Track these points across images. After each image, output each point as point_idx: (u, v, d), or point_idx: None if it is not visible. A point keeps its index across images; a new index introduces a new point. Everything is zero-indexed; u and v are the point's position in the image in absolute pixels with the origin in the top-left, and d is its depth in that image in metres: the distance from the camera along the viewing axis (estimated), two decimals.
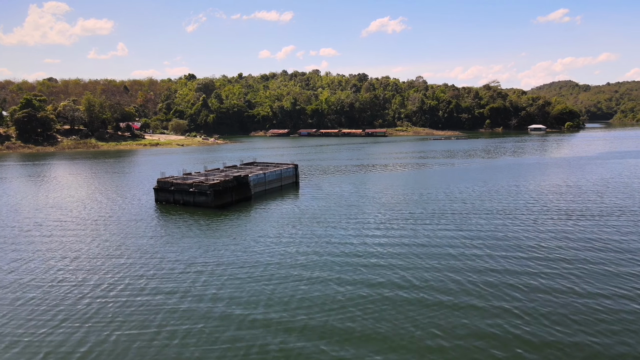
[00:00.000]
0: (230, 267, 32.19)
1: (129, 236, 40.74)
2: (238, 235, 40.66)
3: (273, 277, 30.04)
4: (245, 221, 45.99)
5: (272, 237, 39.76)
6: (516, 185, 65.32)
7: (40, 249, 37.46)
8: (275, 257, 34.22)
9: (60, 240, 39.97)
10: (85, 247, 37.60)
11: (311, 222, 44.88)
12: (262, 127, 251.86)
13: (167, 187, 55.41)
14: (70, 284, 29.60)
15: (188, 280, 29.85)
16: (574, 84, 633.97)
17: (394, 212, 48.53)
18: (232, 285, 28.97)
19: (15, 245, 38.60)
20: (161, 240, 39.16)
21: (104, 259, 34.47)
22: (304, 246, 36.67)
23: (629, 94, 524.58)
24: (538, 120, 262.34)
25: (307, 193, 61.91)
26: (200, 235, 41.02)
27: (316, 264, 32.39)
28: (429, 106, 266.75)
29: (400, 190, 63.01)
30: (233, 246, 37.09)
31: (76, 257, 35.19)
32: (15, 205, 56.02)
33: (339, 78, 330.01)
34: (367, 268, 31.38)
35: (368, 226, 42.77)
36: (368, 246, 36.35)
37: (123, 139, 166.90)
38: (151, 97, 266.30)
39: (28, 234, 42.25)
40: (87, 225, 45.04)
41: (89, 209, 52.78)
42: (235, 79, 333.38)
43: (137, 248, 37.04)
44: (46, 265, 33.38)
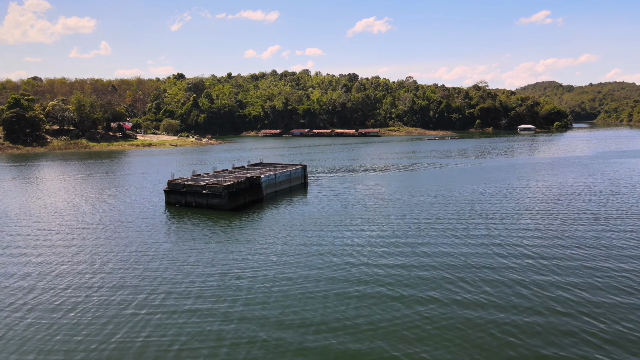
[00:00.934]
0: (269, 278, 31.04)
1: (149, 242, 39.35)
2: (265, 239, 39.52)
3: (328, 294, 28.71)
4: (267, 224, 44.88)
5: (302, 243, 38.76)
6: (531, 186, 65.32)
7: (46, 259, 35.95)
8: (312, 266, 33.31)
9: (71, 247, 38.46)
10: (103, 255, 36.18)
11: (333, 225, 43.98)
12: (253, 127, 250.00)
13: (178, 189, 54.01)
14: (88, 293, 28.31)
15: (227, 292, 28.62)
16: (558, 85, 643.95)
17: (415, 214, 47.92)
18: (281, 299, 27.94)
19: (26, 249, 37.03)
20: (184, 246, 37.89)
21: (127, 269, 33.14)
22: (336, 252, 35.78)
23: (611, 94, 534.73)
24: (527, 120, 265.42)
25: (318, 194, 60.99)
26: (226, 240, 39.77)
27: (364, 275, 31.55)
28: (419, 106, 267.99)
29: (415, 190, 62.44)
30: (263, 253, 35.96)
31: (94, 264, 33.82)
32: (22, 207, 54.05)
33: (329, 78, 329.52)
34: (422, 281, 30.67)
35: (399, 229, 42.09)
36: (406, 249, 35.67)
37: (115, 139, 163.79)
38: (140, 97, 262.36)
39: (35, 240, 40.64)
40: (100, 231, 43.46)
41: (100, 213, 51.12)
42: (224, 79, 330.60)
43: (164, 255, 35.72)
44: (55, 274, 31.96)
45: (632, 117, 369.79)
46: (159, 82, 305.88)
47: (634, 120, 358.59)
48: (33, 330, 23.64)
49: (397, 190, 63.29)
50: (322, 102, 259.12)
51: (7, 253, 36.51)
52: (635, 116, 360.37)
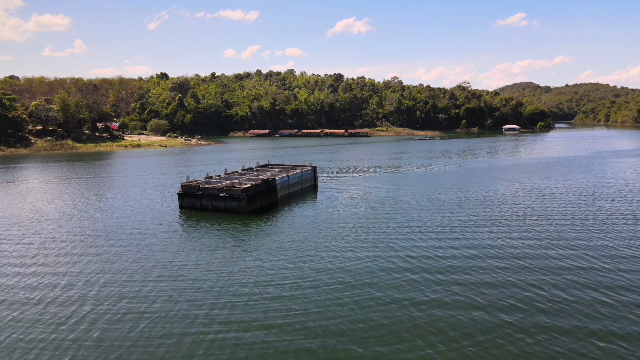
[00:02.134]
0: (321, 289, 29.83)
1: (172, 249, 37.65)
2: (298, 246, 38.25)
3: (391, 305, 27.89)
4: (293, 229, 43.49)
5: (336, 249, 37.61)
6: (543, 187, 65.52)
7: (62, 269, 33.99)
8: (362, 274, 32.21)
9: (83, 256, 36.48)
10: (122, 264, 34.35)
11: (361, 229, 42.99)
12: (240, 128, 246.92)
13: (193, 192, 52.19)
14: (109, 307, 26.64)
15: (272, 306, 27.30)
16: (536, 86, 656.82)
17: (435, 216, 47.27)
18: (339, 316, 26.74)
19: (39, 258, 34.95)
20: (216, 255, 36.32)
21: (149, 282, 31.45)
22: (380, 259, 34.75)
23: (587, 95, 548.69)
24: (511, 120, 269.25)
25: (330, 196, 59.86)
26: (255, 248, 38.34)
27: (412, 283, 30.60)
28: (406, 106, 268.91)
29: (433, 191, 61.86)
30: (304, 260, 34.61)
31: (115, 274, 32.02)
32: (35, 211, 51.39)
33: (314, 78, 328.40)
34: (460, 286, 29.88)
35: (423, 231, 41.33)
36: (441, 252, 34.90)
37: (102, 140, 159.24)
38: (123, 97, 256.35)
39: (44, 249, 38.50)
40: (115, 238, 41.47)
41: (113, 219, 48.97)
42: (208, 79, 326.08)
43: (195, 264, 34.13)
44: (68, 287, 30.13)
45: (609, 118, 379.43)
46: (141, 81, 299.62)
47: (611, 121, 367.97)
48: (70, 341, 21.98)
49: (412, 191, 62.55)
50: (309, 102, 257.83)
51: (23, 263, 34.37)
52: (612, 117, 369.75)
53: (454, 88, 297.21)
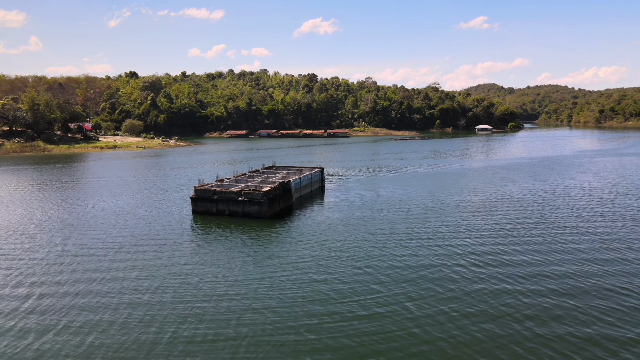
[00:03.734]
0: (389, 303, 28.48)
1: (196, 261, 35.46)
2: (345, 258, 36.75)
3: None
4: (325, 236, 41.92)
5: (368, 257, 36.37)
6: (557, 186, 66.35)
7: (66, 289, 31.40)
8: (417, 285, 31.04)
9: (97, 271, 33.88)
10: (142, 279, 32.02)
11: (386, 233, 41.93)
12: (216, 128, 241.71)
13: (208, 197, 49.74)
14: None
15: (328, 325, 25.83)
16: (500, 87, 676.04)
17: (456, 217, 46.83)
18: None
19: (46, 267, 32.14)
20: (250, 269, 34.38)
21: (192, 300, 29.35)
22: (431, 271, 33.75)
23: (549, 96, 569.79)
24: (483, 120, 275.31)
25: (341, 198, 58.59)
26: (291, 258, 36.62)
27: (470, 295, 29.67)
28: (381, 107, 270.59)
29: (445, 191, 61.53)
30: (359, 278, 33.23)
31: (135, 297, 29.73)
32: (46, 219, 47.57)
33: (288, 78, 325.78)
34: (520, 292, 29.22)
35: (448, 231, 40.71)
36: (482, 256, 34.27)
37: (75, 141, 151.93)
38: (92, 96, 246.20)
39: (53, 259, 35.59)
40: (132, 248, 38.83)
41: (126, 227, 45.99)
42: (179, 78, 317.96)
43: (233, 279, 32.10)
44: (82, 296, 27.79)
45: (571, 118, 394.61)
46: (110, 80, 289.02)
47: (573, 121, 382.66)
48: None
49: (421, 192, 62.03)
50: (286, 102, 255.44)
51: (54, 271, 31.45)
52: (574, 117, 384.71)
53: (427, 89, 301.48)
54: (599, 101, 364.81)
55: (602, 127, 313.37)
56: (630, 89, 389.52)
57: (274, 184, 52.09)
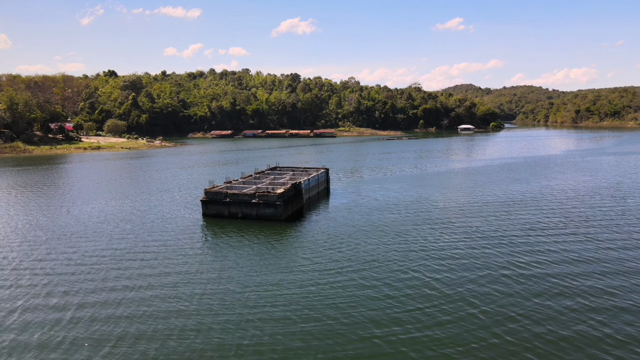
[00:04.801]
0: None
1: (215, 269, 34.06)
2: (373, 261, 35.83)
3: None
4: (350, 238, 40.96)
5: (415, 261, 35.61)
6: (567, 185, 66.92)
7: (73, 299, 29.79)
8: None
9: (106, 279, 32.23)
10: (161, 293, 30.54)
11: (413, 235, 41.28)
12: (199, 129, 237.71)
13: (219, 199, 48.16)
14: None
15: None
16: (477, 88, 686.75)
17: (462, 219, 46.56)
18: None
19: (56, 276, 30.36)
20: (274, 277, 33.14)
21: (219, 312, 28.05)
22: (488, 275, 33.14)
23: (525, 97, 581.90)
24: (466, 120, 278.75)
25: (348, 199, 57.75)
26: (323, 265, 35.52)
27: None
28: (365, 107, 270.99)
29: (444, 191, 61.29)
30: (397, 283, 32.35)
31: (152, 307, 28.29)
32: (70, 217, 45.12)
33: (271, 78, 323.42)
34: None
35: (462, 234, 40.35)
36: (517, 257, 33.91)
37: (56, 141, 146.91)
38: (69, 95, 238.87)
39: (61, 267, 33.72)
40: (144, 255, 37.15)
41: (135, 232, 44.08)
42: (160, 77, 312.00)
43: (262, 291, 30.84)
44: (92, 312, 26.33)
45: (548, 118, 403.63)
46: (87, 79, 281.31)
47: (550, 121, 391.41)
48: None
49: (433, 192, 61.67)
50: (270, 102, 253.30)
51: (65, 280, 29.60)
52: (551, 117, 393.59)
53: (410, 89, 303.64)
54: (575, 102, 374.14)
55: (578, 127, 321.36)
56: (605, 89, 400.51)
57: (286, 186, 50.87)
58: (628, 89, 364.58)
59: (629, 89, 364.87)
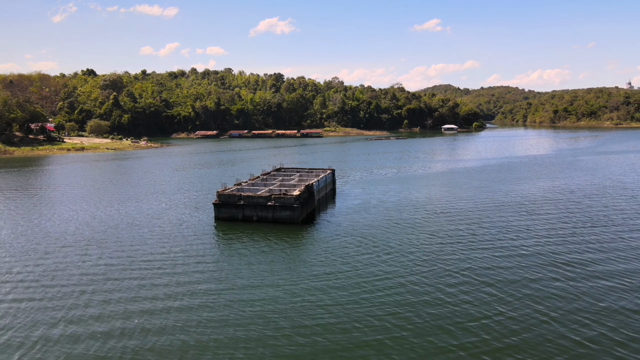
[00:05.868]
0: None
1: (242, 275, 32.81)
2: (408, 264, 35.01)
3: None
4: (381, 239, 40.09)
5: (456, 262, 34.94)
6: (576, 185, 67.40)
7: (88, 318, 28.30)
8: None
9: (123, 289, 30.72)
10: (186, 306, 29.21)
11: (434, 235, 40.73)
12: (183, 129, 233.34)
13: (233, 202, 46.70)
14: None
15: None
16: (455, 88, 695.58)
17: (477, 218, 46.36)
18: None
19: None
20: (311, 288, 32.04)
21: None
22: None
23: (502, 97, 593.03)
24: (449, 120, 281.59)
25: (360, 200, 56.98)
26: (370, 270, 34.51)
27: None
28: (350, 107, 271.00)
29: (455, 190, 61.06)
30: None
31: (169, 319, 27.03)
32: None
33: (254, 77, 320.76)
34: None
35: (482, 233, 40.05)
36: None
37: (37, 142, 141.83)
38: (46, 95, 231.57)
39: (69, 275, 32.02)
40: (158, 263, 35.58)
41: (143, 238, 42.28)
42: (140, 77, 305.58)
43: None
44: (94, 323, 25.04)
45: (526, 118, 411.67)
46: (65, 78, 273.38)
47: (528, 121, 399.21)
48: None
49: (441, 192, 61.34)
50: (255, 102, 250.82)
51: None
52: (529, 117, 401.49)
53: (394, 89, 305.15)
54: (553, 102, 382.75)
55: (556, 126, 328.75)
56: (581, 90, 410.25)
57: (301, 188, 49.67)
58: (603, 89, 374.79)
59: (604, 89, 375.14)
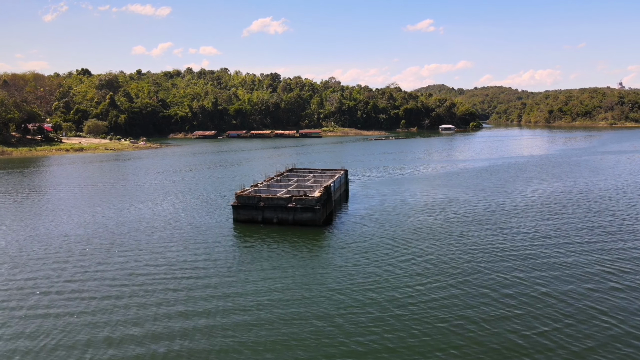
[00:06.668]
0: None
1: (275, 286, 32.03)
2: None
3: None
4: (411, 242, 39.46)
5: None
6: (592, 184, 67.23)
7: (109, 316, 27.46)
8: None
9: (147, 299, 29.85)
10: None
11: (467, 238, 40.19)
12: (180, 129, 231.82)
13: (252, 204, 45.85)
14: None
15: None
16: (449, 88, 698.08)
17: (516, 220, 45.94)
18: None
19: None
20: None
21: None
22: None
23: (496, 97, 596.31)
24: (446, 120, 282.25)
25: (377, 202, 56.37)
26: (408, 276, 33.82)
27: None
28: (347, 107, 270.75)
29: (470, 190, 60.64)
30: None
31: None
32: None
33: (250, 77, 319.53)
34: None
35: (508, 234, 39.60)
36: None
37: (35, 143, 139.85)
38: (42, 94, 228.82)
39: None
40: (183, 271, 34.70)
41: (162, 240, 41.34)
42: (135, 76, 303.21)
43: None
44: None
45: (521, 118, 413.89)
46: (60, 77, 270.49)
47: (523, 121, 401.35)
48: None
49: (459, 193, 60.84)
50: (253, 102, 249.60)
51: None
52: (524, 117, 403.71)
53: (391, 89, 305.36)
54: (548, 102, 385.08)
55: (551, 126, 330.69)
56: (575, 90, 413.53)
57: (320, 189, 48.92)
58: (597, 89, 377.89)
59: (598, 90, 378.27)
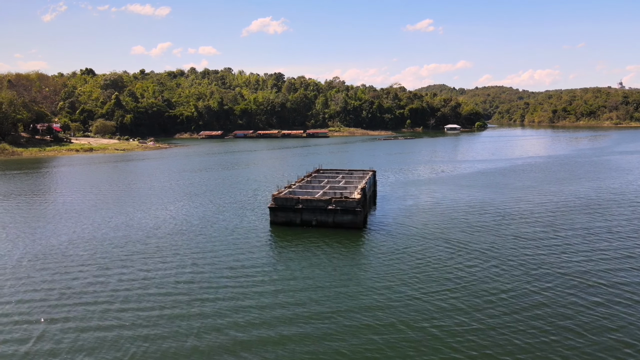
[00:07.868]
0: None
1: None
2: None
3: None
4: (463, 245, 38.61)
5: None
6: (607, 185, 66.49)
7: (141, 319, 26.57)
8: None
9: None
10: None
11: (521, 238, 39.34)
12: (186, 129, 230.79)
13: (291, 206, 44.96)
14: None
15: None
16: (451, 88, 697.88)
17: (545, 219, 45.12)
18: None
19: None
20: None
21: None
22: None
23: (498, 97, 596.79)
24: (451, 120, 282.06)
25: (409, 202, 55.56)
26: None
27: None
28: (352, 106, 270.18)
29: (502, 191, 59.82)
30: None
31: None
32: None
33: (255, 77, 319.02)
34: None
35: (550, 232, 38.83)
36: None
37: (45, 143, 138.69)
38: (47, 94, 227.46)
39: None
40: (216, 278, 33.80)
41: (200, 244, 40.40)
42: (139, 76, 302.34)
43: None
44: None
45: (524, 118, 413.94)
46: (64, 77, 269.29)
47: (527, 121, 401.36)
48: None
49: (489, 193, 59.98)
50: (259, 101, 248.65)
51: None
52: (527, 117, 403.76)
53: (395, 89, 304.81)
54: (551, 102, 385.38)
55: (555, 126, 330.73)
56: (578, 89, 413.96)
57: (358, 190, 48.05)
58: (601, 89, 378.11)
59: (601, 89, 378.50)
